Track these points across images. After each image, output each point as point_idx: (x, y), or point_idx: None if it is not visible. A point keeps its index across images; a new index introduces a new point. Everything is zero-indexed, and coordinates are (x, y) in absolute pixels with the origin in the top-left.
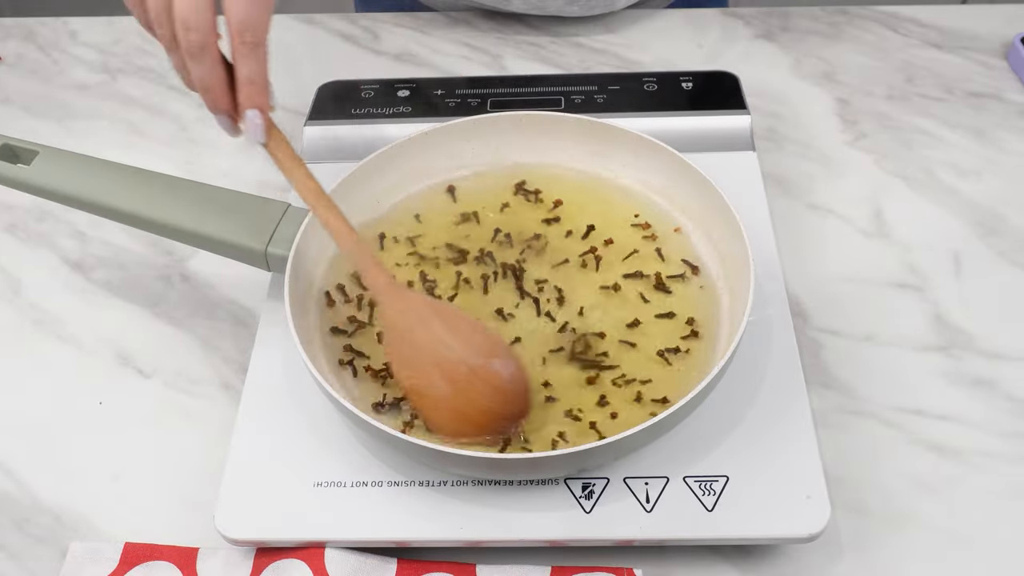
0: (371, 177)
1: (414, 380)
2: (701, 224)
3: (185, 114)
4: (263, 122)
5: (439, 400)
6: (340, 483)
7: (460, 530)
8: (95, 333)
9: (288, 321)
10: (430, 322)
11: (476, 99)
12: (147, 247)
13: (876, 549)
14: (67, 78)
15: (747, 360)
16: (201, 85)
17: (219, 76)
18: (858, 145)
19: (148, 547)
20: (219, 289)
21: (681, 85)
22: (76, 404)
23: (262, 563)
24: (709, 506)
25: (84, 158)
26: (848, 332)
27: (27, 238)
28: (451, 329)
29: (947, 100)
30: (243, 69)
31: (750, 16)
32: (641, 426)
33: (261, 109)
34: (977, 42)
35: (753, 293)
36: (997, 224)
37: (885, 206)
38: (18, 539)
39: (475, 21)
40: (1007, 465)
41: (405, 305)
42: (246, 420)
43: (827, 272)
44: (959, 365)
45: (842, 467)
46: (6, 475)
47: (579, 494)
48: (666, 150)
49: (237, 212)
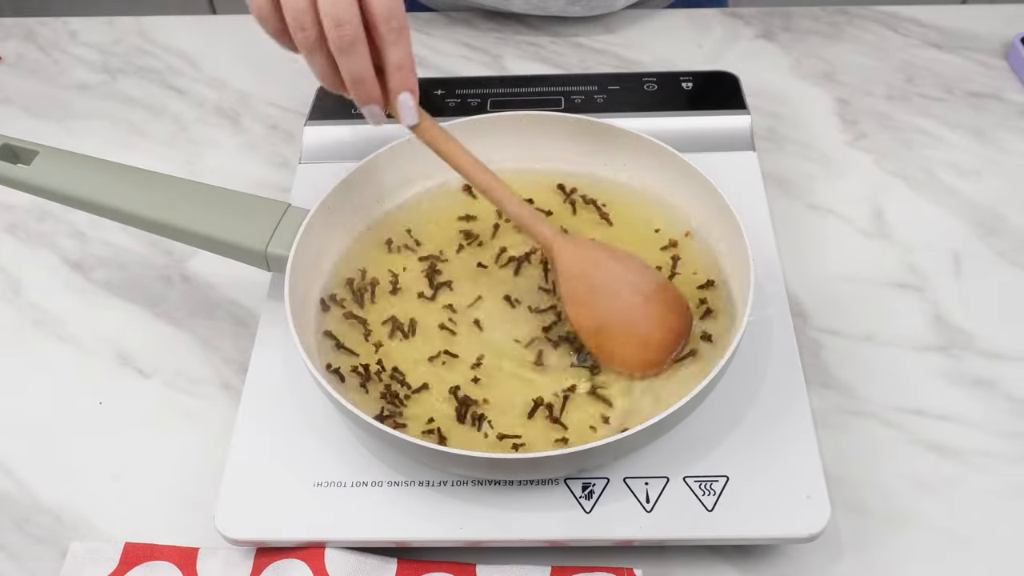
0: (371, 177)
1: (598, 319)
2: (701, 224)
3: (185, 114)
4: (415, 104)
5: (623, 330)
6: (340, 483)
7: (460, 530)
8: (95, 333)
9: (288, 321)
10: (604, 262)
11: (476, 99)
12: (147, 247)
13: (876, 549)
14: (67, 78)
15: (747, 360)
16: (353, 79)
17: (371, 67)
18: (858, 145)
19: (148, 547)
20: (219, 289)
21: (681, 85)
22: (76, 404)
23: (262, 563)
24: (709, 506)
25: (84, 158)
26: (848, 332)
27: (27, 238)
28: (622, 266)
29: (947, 100)
30: (393, 55)
31: (750, 16)
32: (641, 426)
33: (412, 92)
34: (977, 42)
35: (753, 293)
36: (997, 224)
37: (885, 206)
38: (18, 539)
39: (475, 21)
40: (1007, 465)
41: (578, 251)
42: (246, 420)
43: (827, 272)
44: (959, 365)
45: (842, 467)
46: (6, 475)
47: (579, 494)
48: (666, 150)
49: (237, 212)
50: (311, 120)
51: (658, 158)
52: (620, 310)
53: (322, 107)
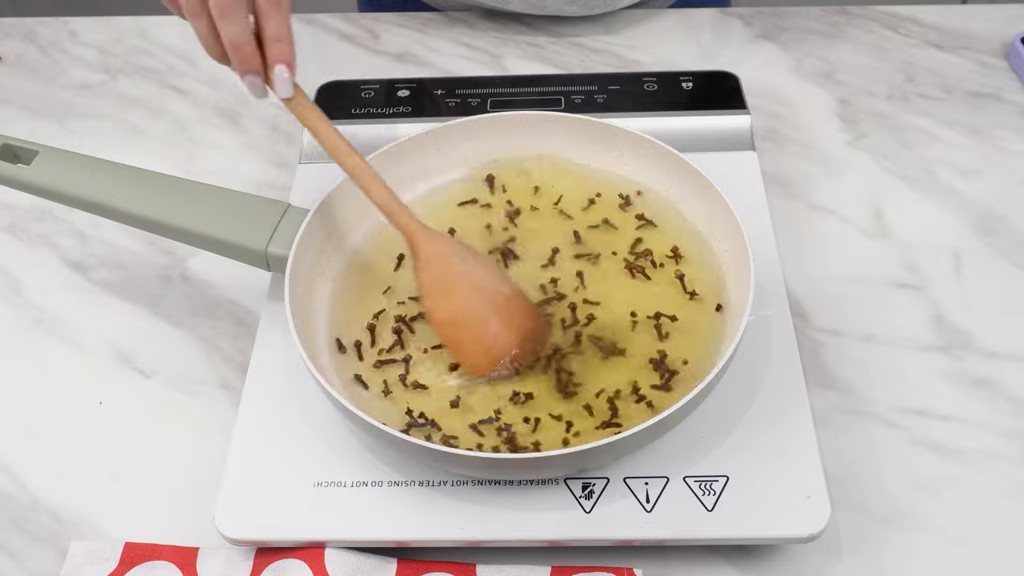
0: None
1: (455, 311)
2: (702, 224)
3: (185, 114)
4: (290, 76)
5: (478, 326)
6: (340, 483)
7: (460, 530)
8: (95, 333)
9: (288, 321)
10: (465, 256)
11: (476, 99)
12: (147, 247)
13: (876, 549)
14: (67, 78)
15: (747, 360)
16: (232, 44)
17: (249, 33)
18: (858, 145)
19: (148, 547)
20: (219, 289)
21: (681, 85)
22: (76, 404)
23: (262, 563)
24: (709, 506)
25: (84, 158)
26: (848, 332)
27: (27, 238)
28: (480, 263)
29: (947, 100)
30: (270, 26)
31: (750, 16)
32: (641, 426)
33: (288, 64)
34: (977, 42)
35: (753, 293)
36: (997, 224)
37: (885, 206)
38: (18, 539)
39: (475, 21)
40: (1007, 465)
41: (440, 244)
42: (246, 420)
43: (827, 272)
44: (959, 365)
45: (842, 467)
46: (6, 475)
47: (579, 494)
48: (666, 150)
49: (237, 212)
50: None
51: (658, 158)
52: (475, 305)
53: (322, 107)
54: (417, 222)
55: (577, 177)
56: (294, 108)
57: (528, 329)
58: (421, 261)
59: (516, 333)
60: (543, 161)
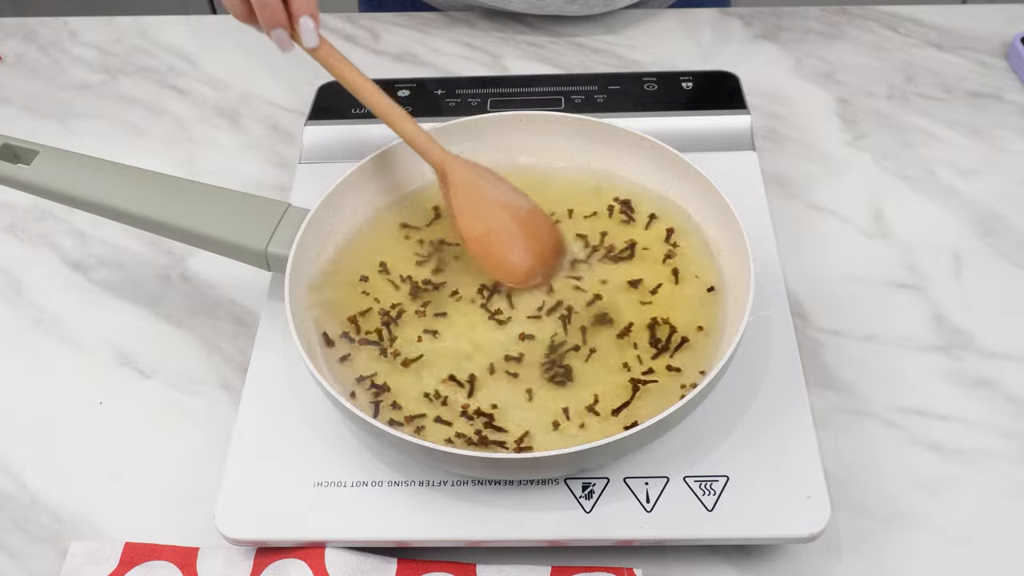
0: (371, 177)
1: (486, 226)
2: (702, 224)
3: (185, 114)
4: (315, 26)
5: (508, 237)
6: (340, 483)
7: (460, 530)
8: (95, 333)
9: (288, 321)
10: (490, 178)
11: (476, 99)
12: (147, 247)
13: (876, 549)
14: (67, 78)
15: (747, 360)
16: (259, 3)
17: None
18: (858, 145)
19: (148, 547)
20: (219, 289)
21: (681, 85)
22: (76, 404)
23: (262, 563)
24: (709, 506)
25: (84, 158)
26: (849, 332)
27: (27, 238)
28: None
29: (947, 100)
30: None
31: (750, 16)
32: (641, 426)
33: (313, 16)
34: (977, 42)
35: (753, 293)
36: (997, 224)
37: (885, 206)
38: (18, 539)
39: (475, 21)
40: (1007, 465)
41: (468, 169)
42: (246, 420)
43: (827, 272)
44: (959, 365)
45: (842, 467)
46: (6, 475)
47: (579, 494)
48: (666, 150)
49: (237, 212)
50: (311, 120)
51: (658, 158)
52: (503, 219)
53: (322, 107)
54: (444, 150)
55: (577, 177)
56: (321, 57)
57: (550, 239)
58: (452, 186)
59: (540, 242)
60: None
